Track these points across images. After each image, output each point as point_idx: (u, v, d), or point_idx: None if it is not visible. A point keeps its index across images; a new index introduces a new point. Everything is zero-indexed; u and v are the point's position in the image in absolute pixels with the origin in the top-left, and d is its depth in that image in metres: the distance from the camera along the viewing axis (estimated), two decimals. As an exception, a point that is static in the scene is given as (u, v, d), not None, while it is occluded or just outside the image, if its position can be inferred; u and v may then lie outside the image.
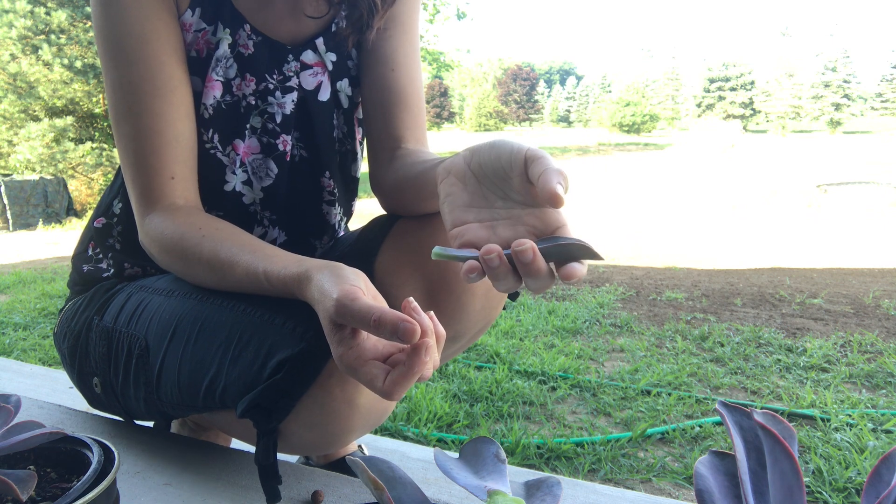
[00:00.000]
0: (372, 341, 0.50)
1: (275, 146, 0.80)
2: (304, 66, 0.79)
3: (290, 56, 0.78)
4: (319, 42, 0.80)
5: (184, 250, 0.66)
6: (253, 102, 0.77)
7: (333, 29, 0.81)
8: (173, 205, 0.70)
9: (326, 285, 0.51)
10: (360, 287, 0.50)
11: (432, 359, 0.47)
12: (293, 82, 0.79)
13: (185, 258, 0.66)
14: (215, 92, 0.75)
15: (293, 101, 0.79)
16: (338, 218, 0.90)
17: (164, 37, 0.70)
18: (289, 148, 0.80)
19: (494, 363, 2.22)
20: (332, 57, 0.81)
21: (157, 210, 0.70)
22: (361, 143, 0.90)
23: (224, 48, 0.74)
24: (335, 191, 0.86)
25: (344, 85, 0.83)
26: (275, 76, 0.78)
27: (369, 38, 0.81)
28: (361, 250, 0.79)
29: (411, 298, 0.49)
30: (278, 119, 0.79)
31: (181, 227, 0.67)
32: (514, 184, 0.51)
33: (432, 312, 0.49)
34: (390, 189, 0.79)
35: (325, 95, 0.81)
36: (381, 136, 0.82)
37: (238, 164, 0.78)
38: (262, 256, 0.61)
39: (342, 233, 0.94)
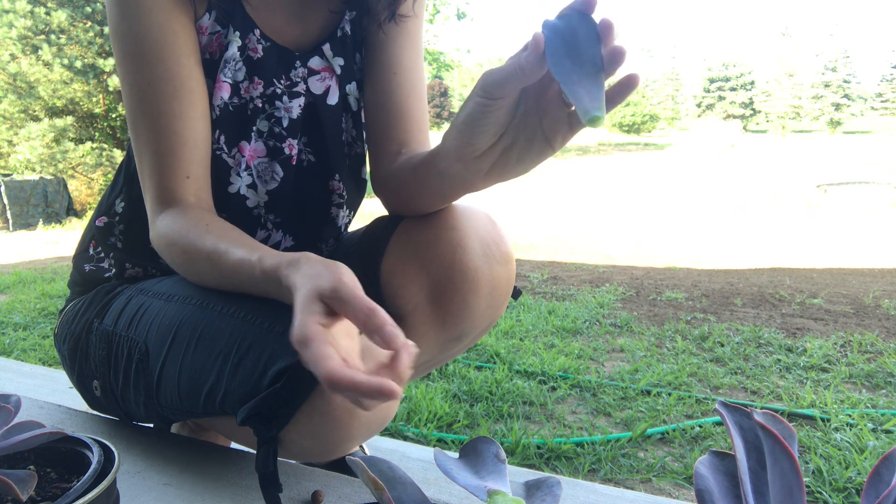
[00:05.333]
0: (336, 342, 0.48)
1: (280, 150, 0.80)
2: (312, 72, 0.80)
3: (298, 62, 0.79)
4: (326, 48, 0.80)
5: (188, 243, 0.66)
6: (260, 105, 0.77)
7: (339, 34, 0.81)
8: (186, 203, 0.71)
9: (327, 267, 0.51)
10: (358, 284, 0.51)
11: (399, 377, 0.45)
12: (300, 87, 0.79)
13: (188, 251, 0.67)
14: (223, 93, 0.75)
15: (300, 105, 0.79)
16: (346, 220, 0.91)
17: (183, 38, 0.71)
18: (295, 152, 0.81)
19: (494, 363, 2.22)
20: (339, 61, 0.81)
21: (171, 208, 0.70)
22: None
23: (233, 50, 0.75)
24: (344, 193, 0.86)
25: (352, 88, 0.83)
26: (282, 81, 0.78)
27: (392, 25, 0.81)
28: (366, 251, 0.79)
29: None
30: (285, 123, 0.79)
31: (189, 223, 0.67)
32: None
33: (412, 344, 0.47)
34: (395, 187, 0.79)
35: (333, 99, 0.82)
36: (384, 139, 0.82)
37: (243, 167, 0.78)
38: (261, 248, 0.62)
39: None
